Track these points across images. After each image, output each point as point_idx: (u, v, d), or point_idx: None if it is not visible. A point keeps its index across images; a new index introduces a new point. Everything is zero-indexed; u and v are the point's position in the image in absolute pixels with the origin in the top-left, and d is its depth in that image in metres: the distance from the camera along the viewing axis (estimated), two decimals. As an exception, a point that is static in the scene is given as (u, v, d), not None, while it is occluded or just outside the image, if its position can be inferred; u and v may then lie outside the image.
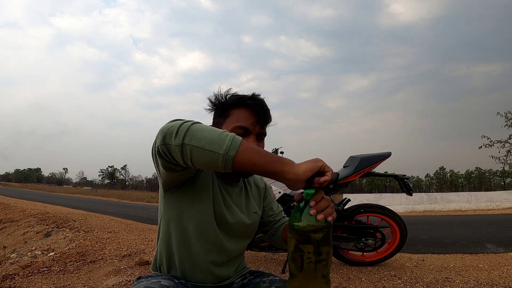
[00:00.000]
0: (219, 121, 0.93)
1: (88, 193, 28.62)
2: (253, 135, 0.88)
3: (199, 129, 0.64)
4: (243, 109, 0.90)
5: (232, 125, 0.88)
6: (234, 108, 0.91)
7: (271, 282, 0.89)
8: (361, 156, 2.49)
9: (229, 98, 0.93)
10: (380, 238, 2.48)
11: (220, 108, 0.93)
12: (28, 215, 5.92)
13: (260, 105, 0.91)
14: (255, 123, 0.89)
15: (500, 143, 12.23)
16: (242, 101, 0.90)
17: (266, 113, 0.92)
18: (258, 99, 0.92)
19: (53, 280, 2.28)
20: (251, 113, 0.89)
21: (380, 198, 10.59)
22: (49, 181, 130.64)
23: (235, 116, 0.89)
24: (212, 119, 0.98)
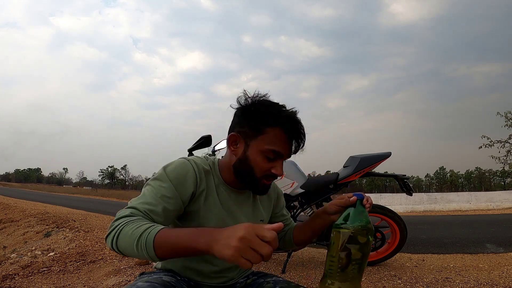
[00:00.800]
0: (248, 133, 0.84)
1: (88, 193, 28.62)
2: (282, 160, 0.85)
3: (120, 239, 0.68)
4: (281, 130, 0.83)
5: (266, 147, 0.82)
6: (270, 126, 0.82)
7: (275, 283, 0.89)
8: (361, 156, 2.49)
9: (265, 110, 0.83)
10: (380, 238, 2.48)
11: (254, 119, 0.84)
12: (28, 215, 5.92)
13: (299, 131, 0.85)
14: (288, 150, 0.85)
15: (500, 143, 12.23)
16: (281, 122, 0.82)
17: (303, 141, 0.86)
18: (297, 122, 0.85)
19: (53, 280, 2.28)
20: (287, 138, 0.83)
21: (380, 198, 10.59)
22: (49, 181, 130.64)
23: (271, 137, 0.82)
24: (235, 122, 0.88)
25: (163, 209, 0.76)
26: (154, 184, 0.79)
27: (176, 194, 0.79)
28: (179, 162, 0.84)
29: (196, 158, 0.90)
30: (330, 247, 0.69)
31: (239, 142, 0.86)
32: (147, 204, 0.75)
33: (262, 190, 0.89)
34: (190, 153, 2.39)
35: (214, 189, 0.88)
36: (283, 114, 0.83)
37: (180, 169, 0.82)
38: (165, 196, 0.78)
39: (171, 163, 0.84)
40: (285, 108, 0.86)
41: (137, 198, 0.78)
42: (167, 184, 0.79)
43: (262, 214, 0.98)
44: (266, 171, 0.84)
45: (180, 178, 0.81)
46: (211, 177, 0.88)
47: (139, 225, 0.67)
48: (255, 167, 0.83)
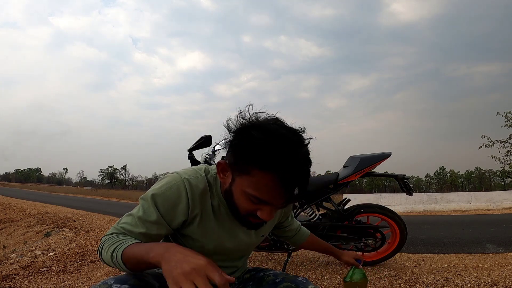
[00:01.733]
0: (234, 166, 0.70)
1: (88, 193, 28.61)
2: (272, 207, 0.69)
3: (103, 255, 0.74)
4: (270, 176, 0.63)
5: (248, 190, 0.67)
6: (258, 168, 0.64)
7: (275, 275, 0.92)
8: (361, 156, 2.49)
9: (257, 144, 0.64)
10: (380, 238, 2.48)
11: (239, 153, 0.67)
12: (28, 215, 5.92)
13: (299, 179, 0.65)
14: (280, 199, 0.67)
15: (500, 143, 12.23)
16: (274, 166, 0.63)
17: (303, 187, 0.67)
18: (299, 166, 0.64)
19: (53, 280, 2.28)
20: (280, 186, 0.64)
21: (380, 198, 10.59)
22: (49, 181, 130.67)
23: (257, 181, 0.65)
24: (228, 149, 0.72)
25: (142, 234, 0.75)
26: (142, 206, 0.77)
27: (162, 220, 0.75)
28: (171, 185, 0.76)
29: (193, 174, 0.79)
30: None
31: (227, 171, 0.74)
32: (129, 225, 0.76)
33: (250, 227, 0.79)
34: (190, 153, 2.39)
35: (210, 212, 0.81)
36: (279, 155, 0.63)
37: (171, 194, 0.75)
38: (148, 221, 0.75)
39: (163, 183, 0.77)
40: (287, 141, 0.64)
41: (126, 215, 0.78)
42: (152, 210, 0.75)
43: (264, 229, 0.92)
44: (252, 211, 0.71)
45: (170, 205, 0.75)
46: (208, 198, 0.80)
47: (114, 241, 0.71)
48: (237, 204, 0.73)
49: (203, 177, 0.81)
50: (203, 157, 2.50)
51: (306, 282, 0.88)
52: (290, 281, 0.87)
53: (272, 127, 0.66)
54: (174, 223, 0.77)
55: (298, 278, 0.89)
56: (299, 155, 0.65)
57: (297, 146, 0.65)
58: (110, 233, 0.76)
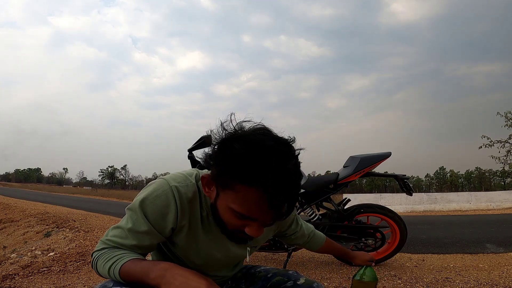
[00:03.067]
0: (218, 180, 0.66)
1: (88, 193, 28.62)
2: (258, 223, 0.65)
3: (99, 272, 0.73)
4: (255, 191, 0.59)
5: (232, 206, 0.63)
6: (243, 184, 0.59)
7: (266, 271, 0.94)
8: (361, 156, 2.49)
9: (240, 157, 0.59)
10: (380, 238, 2.48)
11: (222, 168, 0.63)
12: (28, 215, 5.92)
13: (285, 194, 0.60)
14: (267, 216, 0.63)
15: (500, 143, 12.24)
16: (258, 180, 0.58)
17: (292, 203, 0.63)
18: (285, 180, 0.59)
19: (53, 280, 2.28)
20: (265, 202, 0.59)
21: (380, 198, 10.60)
22: (49, 181, 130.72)
23: (242, 196, 0.61)
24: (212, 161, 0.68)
25: (135, 245, 0.73)
26: (130, 216, 0.74)
27: (153, 230, 0.73)
28: (160, 192, 0.73)
29: (182, 181, 0.75)
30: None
31: (212, 186, 0.70)
32: (119, 238, 0.73)
33: (238, 241, 0.77)
34: (190, 153, 2.39)
35: (198, 222, 0.78)
36: (263, 169, 0.57)
37: (160, 203, 0.72)
38: (139, 232, 0.73)
39: (150, 191, 0.73)
40: (273, 154, 0.59)
41: (114, 227, 0.76)
42: (142, 220, 0.72)
43: (256, 241, 0.87)
44: (239, 227, 0.67)
45: (159, 214, 0.72)
46: (197, 207, 0.76)
47: (108, 258, 0.71)
48: (224, 220, 0.69)
49: (193, 184, 0.76)
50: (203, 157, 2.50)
51: (297, 275, 0.89)
52: (281, 275, 0.89)
53: (257, 138, 0.61)
54: (166, 231, 0.75)
55: (289, 271, 0.91)
56: (287, 168, 0.59)
57: (284, 158, 0.59)
58: (100, 249, 0.74)
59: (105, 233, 0.77)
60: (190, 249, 0.80)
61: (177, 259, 0.84)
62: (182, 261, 0.83)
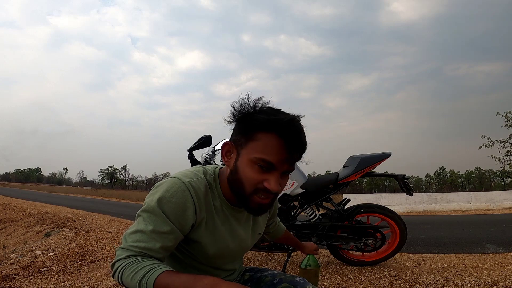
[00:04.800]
0: (240, 141, 0.75)
1: (88, 193, 28.61)
2: (277, 172, 0.73)
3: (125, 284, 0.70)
4: (274, 136, 0.71)
5: (254, 155, 0.72)
6: (262, 131, 0.72)
7: (273, 275, 0.93)
8: (361, 156, 2.49)
9: (260, 114, 0.74)
10: (380, 238, 2.48)
11: (245, 124, 0.75)
12: (28, 215, 5.92)
13: (297, 139, 0.73)
14: (284, 161, 0.72)
15: (500, 143, 12.26)
16: (276, 126, 0.71)
17: (302, 149, 0.74)
18: (297, 128, 0.73)
19: (53, 280, 2.28)
20: (283, 145, 0.71)
21: (380, 198, 10.59)
22: (49, 181, 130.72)
23: (262, 143, 0.71)
24: (232, 133, 0.79)
25: (161, 247, 0.72)
26: (149, 218, 0.72)
27: (175, 229, 0.73)
28: (175, 189, 0.74)
29: (193, 177, 0.79)
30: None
31: (232, 152, 0.77)
32: (143, 242, 0.70)
33: (255, 210, 0.77)
34: (190, 153, 2.39)
35: (214, 214, 0.81)
36: (279, 118, 0.72)
37: (177, 200, 0.73)
38: (162, 233, 0.72)
39: (165, 190, 0.74)
40: (284, 112, 0.76)
41: (132, 232, 0.72)
42: (163, 220, 0.72)
43: (260, 227, 0.96)
44: (257, 184, 0.73)
45: (179, 211, 0.73)
46: (210, 200, 0.80)
47: (137, 269, 0.67)
48: (244, 179, 0.73)
49: (203, 179, 0.79)
50: (203, 157, 2.50)
51: (304, 283, 0.88)
52: (288, 282, 0.88)
53: (270, 107, 0.77)
54: (185, 229, 0.75)
55: (296, 278, 0.90)
56: (297, 122, 0.74)
57: (294, 116, 0.75)
58: (124, 257, 0.70)
59: (122, 240, 0.73)
60: (207, 243, 0.80)
61: (187, 257, 0.83)
62: (192, 257, 0.83)
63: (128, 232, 0.73)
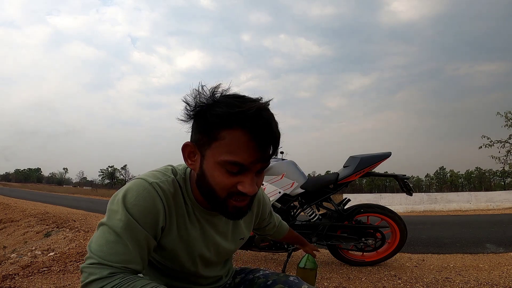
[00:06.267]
0: (202, 141, 0.64)
1: (88, 193, 28.62)
2: (251, 172, 0.63)
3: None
4: (239, 132, 0.60)
5: (221, 157, 0.61)
6: (225, 128, 0.60)
7: (265, 276, 0.89)
8: (361, 156, 2.49)
9: (219, 106, 0.62)
10: (380, 238, 2.48)
11: (203, 121, 0.63)
12: (28, 215, 5.93)
13: (268, 132, 0.61)
14: (256, 160, 0.62)
15: (500, 143, 12.27)
16: (239, 120, 0.60)
17: (275, 142, 0.63)
18: (265, 119, 0.61)
19: (53, 280, 2.28)
20: (251, 142, 0.60)
21: (380, 198, 10.59)
22: (49, 181, 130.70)
23: (227, 142, 0.61)
24: (192, 132, 0.68)
25: (140, 257, 0.64)
26: (117, 226, 0.62)
27: (148, 234, 0.65)
28: (141, 191, 0.66)
29: (160, 177, 0.70)
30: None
31: (196, 154, 0.67)
32: (121, 255, 0.61)
33: (233, 214, 0.68)
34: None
35: (186, 218, 0.73)
36: (242, 110, 0.60)
37: (144, 201, 0.65)
38: (136, 240, 0.63)
39: (128, 191, 0.65)
40: (248, 100, 0.63)
41: (102, 244, 0.61)
42: (134, 226, 0.63)
43: (242, 232, 0.87)
44: (230, 188, 0.64)
45: (148, 215, 0.65)
46: (181, 202, 0.72)
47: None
48: (214, 184, 0.64)
49: (171, 179, 0.71)
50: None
51: (299, 282, 0.84)
52: (282, 283, 0.84)
53: (228, 95, 0.65)
54: (157, 234, 0.68)
55: (289, 278, 0.86)
56: (263, 109, 0.62)
57: (259, 103, 0.63)
58: (106, 275, 0.58)
59: (89, 254, 0.61)
60: (180, 250, 0.73)
61: (164, 267, 0.77)
62: (169, 268, 0.77)
63: (96, 243, 0.61)
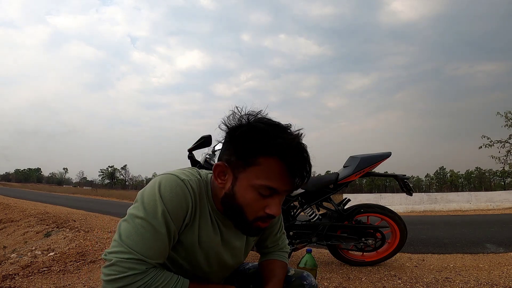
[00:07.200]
0: (237, 164, 0.68)
1: (88, 193, 28.60)
2: (279, 196, 0.69)
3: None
4: (277, 161, 0.66)
5: (256, 181, 0.67)
6: (264, 155, 0.66)
7: (255, 267, 0.94)
8: (361, 156, 2.49)
9: (258, 133, 0.66)
10: (380, 238, 2.48)
11: (243, 145, 0.67)
12: (28, 215, 5.93)
13: (303, 164, 0.67)
14: (288, 187, 0.68)
15: (500, 143, 12.29)
16: (279, 150, 0.65)
17: (308, 175, 0.69)
18: (301, 151, 0.67)
19: (53, 280, 2.28)
20: (287, 171, 0.66)
21: (380, 198, 10.59)
22: (49, 181, 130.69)
23: (264, 169, 0.66)
24: (224, 149, 0.72)
25: (165, 251, 0.68)
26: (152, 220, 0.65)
27: (175, 228, 0.68)
28: (174, 186, 0.68)
29: (190, 176, 0.73)
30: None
31: (227, 174, 0.71)
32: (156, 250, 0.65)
33: (253, 233, 0.74)
34: (190, 153, 2.39)
35: (208, 220, 0.75)
36: (281, 140, 0.66)
37: (177, 197, 0.68)
38: (168, 234, 0.67)
39: (162, 186, 0.68)
40: (286, 130, 0.69)
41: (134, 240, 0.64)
42: (168, 219, 0.66)
43: (251, 243, 0.90)
44: (259, 211, 0.69)
45: (178, 208, 0.68)
46: (205, 204, 0.75)
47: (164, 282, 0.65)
48: (244, 206, 0.69)
49: (199, 179, 0.74)
50: (203, 157, 2.50)
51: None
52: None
53: (267, 122, 0.70)
54: (181, 231, 0.71)
55: None
56: (299, 142, 0.69)
57: (296, 137, 0.69)
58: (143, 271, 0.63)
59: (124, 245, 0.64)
60: (198, 250, 0.74)
61: (179, 269, 0.76)
62: (184, 269, 0.76)
63: (131, 238, 0.64)
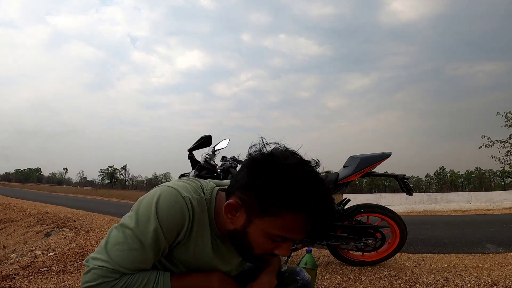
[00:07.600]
0: (254, 208, 0.65)
1: (88, 193, 28.59)
2: (289, 243, 0.69)
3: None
4: (303, 217, 0.62)
5: (272, 231, 0.64)
6: (291, 211, 0.62)
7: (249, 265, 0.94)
8: (361, 156, 2.49)
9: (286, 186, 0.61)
10: (380, 238, 2.48)
11: (265, 194, 0.62)
12: (28, 215, 5.93)
13: (326, 219, 0.65)
14: (303, 236, 0.67)
15: (500, 143, 12.30)
16: (306, 208, 0.61)
17: (325, 228, 0.72)
18: (328, 208, 0.64)
19: (53, 280, 2.28)
20: (308, 225, 0.63)
21: (380, 198, 10.60)
22: (49, 181, 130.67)
23: (284, 221, 0.63)
24: (240, 183, 0.68)
25: (153, 263, 0.69)
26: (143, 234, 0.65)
27: (166, 244, 0.68)
28: (173, 203, 0.67)
29: (193, 193, 0.71)
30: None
31: (239, 212, 0.68)
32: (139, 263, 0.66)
33: (256, 262, 0.77)
34: (190, 153, 2.39)
35: (205, 238, 0.73)
36: (312, 197, 0.61)
37: (174, 215, 0.67)
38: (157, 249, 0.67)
39: (161, 201, 0.66)
40: (317, 181, 0.64)
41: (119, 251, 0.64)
42: (160, 236, 0.66)
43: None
44: (267, 250, 0.69)
45: (173, 226, 0.67)
46: (205, 223, 0.73)
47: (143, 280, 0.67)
48: (254, 245, 0.68)
49: (202, 198, 0.72)
50: (203, 157, 2.50)
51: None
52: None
53: (292, 165, 0.64)
54: (172, 245, 0.71)
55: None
56: (325, 195, 0.64)
57: (321, 185, 0.64)
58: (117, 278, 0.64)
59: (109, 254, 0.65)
60: (192, 267, 0.75)
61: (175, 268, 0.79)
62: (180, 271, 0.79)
63: (116, 248, 0.65)
